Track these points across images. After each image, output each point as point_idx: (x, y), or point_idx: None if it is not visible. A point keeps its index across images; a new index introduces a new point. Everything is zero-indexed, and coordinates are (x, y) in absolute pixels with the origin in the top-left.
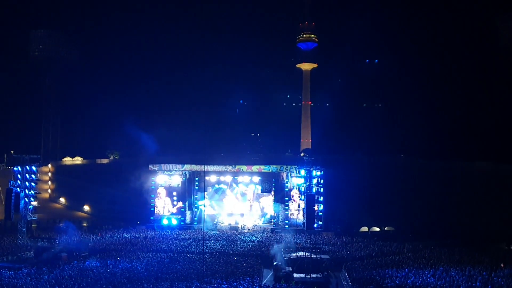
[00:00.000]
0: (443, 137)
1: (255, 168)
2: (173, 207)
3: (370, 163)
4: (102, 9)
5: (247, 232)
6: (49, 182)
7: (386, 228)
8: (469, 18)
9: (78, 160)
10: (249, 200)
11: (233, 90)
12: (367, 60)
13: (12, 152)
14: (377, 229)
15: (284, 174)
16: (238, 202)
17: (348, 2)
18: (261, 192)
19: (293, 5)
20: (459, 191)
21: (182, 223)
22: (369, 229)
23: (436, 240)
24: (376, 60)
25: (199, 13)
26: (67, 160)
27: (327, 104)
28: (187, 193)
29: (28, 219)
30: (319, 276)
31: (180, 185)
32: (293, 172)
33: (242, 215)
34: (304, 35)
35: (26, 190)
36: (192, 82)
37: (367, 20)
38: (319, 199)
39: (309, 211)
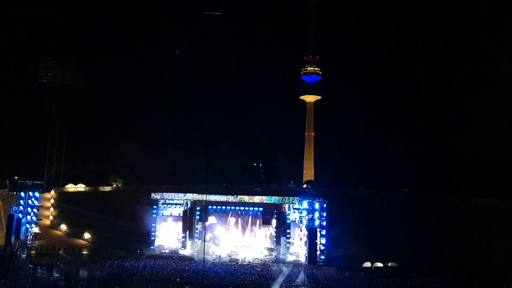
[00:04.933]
0: (448, 173)
1: (256, 199)
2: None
3: (374, 197)
4: (110, 39)
5: (248, 264)
6: (51, 209)
7: (389, 264)
8: (472, 54)
9: (81, 187)
10: (250, 232)
11: (237, 120)
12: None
13: (16, 177)
14: (380, 264)
15: (286, 206)
16: (239, 234)
17: (352, 36)
18: (263, 223)
19: (297, 38)
20: (463, 228)
21: (182, 253)
22: (372, 264)
23: (440, 277)
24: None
25: (207, 45)
26: (70, 187)
27: (331, 136)
28: (188, 223)
29: (28, 245)
30: None
31: (181, 215)
32: (295, 203)
33: (242, 247)
34: (308, 68)
35: (28, 216)
36: (196, 111)
37: (370, 54)
38: (321, 233)
39: (311, 245)
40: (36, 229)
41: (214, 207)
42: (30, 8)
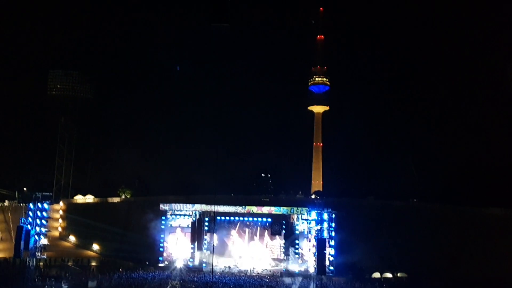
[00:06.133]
0: (457, 182)
1: (265, 209)
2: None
3: (382, 207)
4: (118, 51)
5: (256, 275)
6: (60, 220)
7: (398, 275)
8: (482, 63)
9: (89, 198)
10: (259, 243)
11: (244, 131)
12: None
13: (25, 189)
14: (389, 275)
15: (295, 216)
16: (248, 245)
17: (360, 45)
18: (271, 234)
19: (305, 48)
20: (473, 238)
21: (191, 264)
22: (381, 275)
23: None
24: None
25: (214, 55)
26: (79, 199)
27: (339, 146)
28: (197, 234)
29: (37, 257)
30: None
31: (189, 226)
32: (304, 214)
33: (251, 258)
34: (316, 79)
35: (37, 228)
36: (203, 122)
37: (379, 64)
38: (330, 243)
39: (320, 256)
40: (45, 241)
41: (223, 218)
42: (39, 21)
